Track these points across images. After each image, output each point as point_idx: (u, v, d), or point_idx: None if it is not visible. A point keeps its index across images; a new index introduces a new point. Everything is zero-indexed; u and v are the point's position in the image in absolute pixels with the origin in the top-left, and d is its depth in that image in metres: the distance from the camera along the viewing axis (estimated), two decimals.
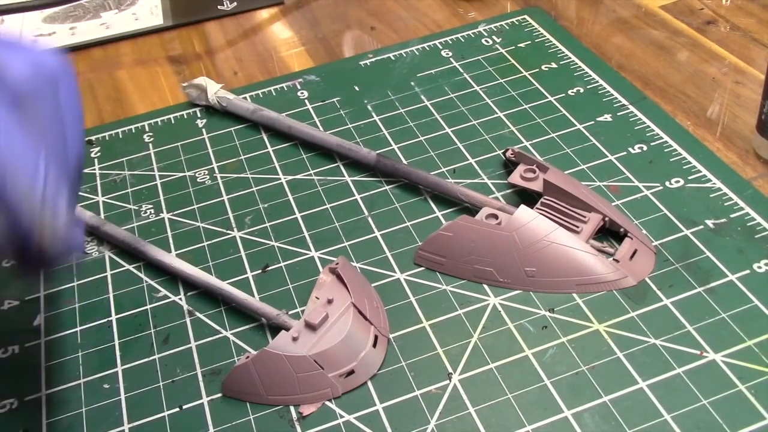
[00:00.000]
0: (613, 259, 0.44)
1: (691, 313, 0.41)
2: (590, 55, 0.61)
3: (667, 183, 0.49)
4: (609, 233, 0.46)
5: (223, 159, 0.56)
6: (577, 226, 0.45)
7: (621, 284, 0.43)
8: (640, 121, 0.53)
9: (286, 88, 0.62)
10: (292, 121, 0.56)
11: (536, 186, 0.48)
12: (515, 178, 0.49)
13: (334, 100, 0.60)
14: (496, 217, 0.46)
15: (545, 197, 0.47)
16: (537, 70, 0.60)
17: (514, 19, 0.66)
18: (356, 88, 0.60)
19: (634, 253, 0.44)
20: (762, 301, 0.41)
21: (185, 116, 0.60)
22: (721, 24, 0.63)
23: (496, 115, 0.56)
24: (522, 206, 0.45)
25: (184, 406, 0.40)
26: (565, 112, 0.55)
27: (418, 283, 0.45)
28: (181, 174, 0.55)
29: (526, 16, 0.66)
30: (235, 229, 0.50)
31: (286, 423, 0.39)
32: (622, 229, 0.45)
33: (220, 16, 0.73)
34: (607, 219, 0.45)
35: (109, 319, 0.45)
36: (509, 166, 0.51)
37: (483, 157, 0.52)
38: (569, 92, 0.57)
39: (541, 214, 0.45)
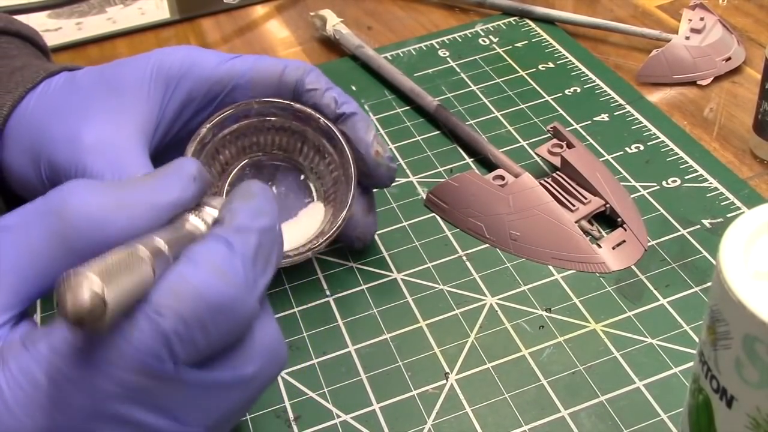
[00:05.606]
0: (596, 244, 0.44)
1: (688, 313, 0.41)
2: (587, 54, 0.61)
3: (663, 182, 0.49)
4: (610, 221, 0.46)
5: None
6: (574, 205, 0.46)
7: (593, 268, 0.44)
8: (637, 120, 0.54)
9: None
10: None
11: (557, 161, 0.49)
12: (542, 150, 0.50)
13: None
14: (503, 178, 0.48)
15: (558, 173, 0.48)
16: (534, 69, 0.60)
17: (511, 19, 0.66)
18: (353, 88, 0.60)
19: (622, 243, 0.44)
20: None
21: None
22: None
23: (492, 115, 0.56)
24: (526, 174, 0.47)
25: None
26: (562, 111, 0.55)
27: (415, 283, 0.45)
28: None
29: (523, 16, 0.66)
30: None
31: (282, 423, 0.39)
32: (619, 219, 0.45)
33: (226, 9, 0.73)
34: (608, 206, 0.46)
35: None
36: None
37: (480, 156, 0.52)
38: (566, 92, 0.57)
39: (543, 185, 0.46)
